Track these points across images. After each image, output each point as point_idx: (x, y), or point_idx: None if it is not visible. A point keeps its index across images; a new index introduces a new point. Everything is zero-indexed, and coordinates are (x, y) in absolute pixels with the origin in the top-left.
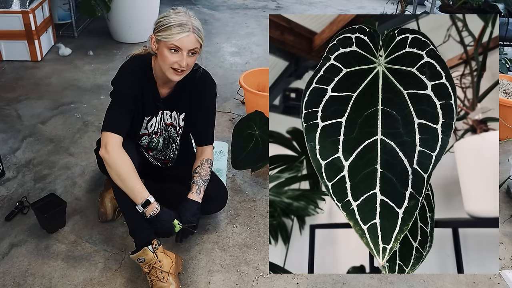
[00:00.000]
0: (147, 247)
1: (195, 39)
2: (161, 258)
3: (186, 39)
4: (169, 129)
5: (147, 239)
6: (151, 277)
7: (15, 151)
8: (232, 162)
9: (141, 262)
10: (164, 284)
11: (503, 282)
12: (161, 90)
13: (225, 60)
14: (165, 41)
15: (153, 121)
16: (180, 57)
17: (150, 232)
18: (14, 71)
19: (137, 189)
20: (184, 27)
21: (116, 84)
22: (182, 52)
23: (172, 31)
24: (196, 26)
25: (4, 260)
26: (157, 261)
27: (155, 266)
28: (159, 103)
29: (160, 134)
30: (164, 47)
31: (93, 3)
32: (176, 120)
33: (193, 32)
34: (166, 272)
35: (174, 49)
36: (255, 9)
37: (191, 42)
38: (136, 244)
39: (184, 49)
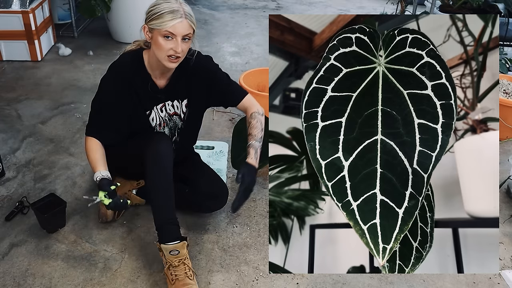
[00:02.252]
0: (186, 241)
1: (188, 25)
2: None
3: (179, 25)
4: (174, 118)
5: (179, 234)
6: (178, 272)
7: (15, 151)
8: (232, 162)
9: (174, 255)
10: (191, 282)
11: (503, 282)
12: (158, 82)
13: (225, 60)
14: (158, 29)
15: (152, 115)
16: (175, 43)
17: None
18: (14, 71)
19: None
20: (176, 13)
21: (103, 81)
22: (176, 39)
23: (164, 18)
24: (188, 11)
25: (4, 260)
26: (187, 258)
27: (185, 262)
28: (160, 95)
29: (165, 125)
30: (158, 35)
31: (93, 3)
32: (179, 108)
33: (185, 18)
34: (193, 272)
35: (168, 36)
36: (255, 9)
37: (184, 27)
38: (166, 235)
39: (178, 35)
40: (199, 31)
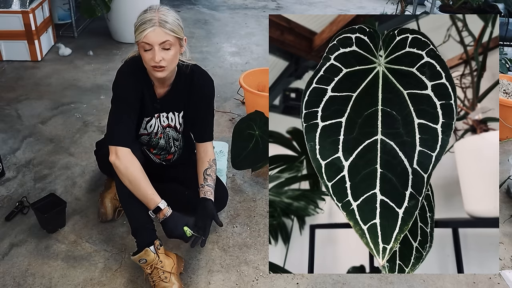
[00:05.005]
0: (148, 248)
1: (162, 32)
2: (163, 258)
3: (152, 33)
4: (167, 130)
5: (149, 240)
6: (154, 277)
7: (15, 151)
8: (232, 162)
9: (143, 263)
10: (167, 284)
11: (503, 282)
12: (158, 91)
13: (225, 60)
14: (138, 42)
15: (152, 122)
16: (152, 53)
17: (152, 232)
18: (14, 71)
19: (149, 195)
20: (148, 23)
21: (116, 89)
22: (154, 48)
23: (139, 29)
24: (163, 19)
25: (4, 260)
26: (158, 262)
27: (157, 267)
28: (155, 104)
29: (161, 136)
30: (141, 48)
31: (93, 3)
32: (173, 120)
33: (159, 26)
34: (168, 272)
35: (146, 48)
36: (255, 9)
37: (157, 35)
38: (137, 244)
39: (153, 44)
40: (199, 31)
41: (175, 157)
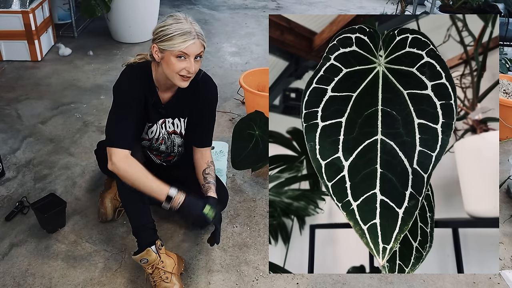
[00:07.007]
0: (150, 248)
1: (200, 44)
2: (164, 258)
3: (193, 46)
4: (172, 137)
5: (151, 239)
6: (155, 277)
7: (15, 151)
8: (232, 162)
9: (144, 263)
10: (168, 284)
11: (503, 282)
12: (162, 96)
13: (225, 60)
14: (171, 50)
15: (153, 128)
16: (189, 63)
17: (154, 232)
18: (14, 71)
19: (155, 187)
20: (189, 35)
21: (118, 91)
22: (189, 59)
23: (177, 40)
24: (199, 31)
25: (4, 260)
26: (160, 262)
27: (158, 267)
28: (161, 109)
29: (162, 142)
30: (171, 56)
31: (93, 3)
32: (179, 127)
33: (198, 38)
34: (170, 272)
35: (181, 56)
36: (255, 9)
37: (197, 47)
38: (138, 244)
39: (191, 55)
40: None
41: (176, 158)
